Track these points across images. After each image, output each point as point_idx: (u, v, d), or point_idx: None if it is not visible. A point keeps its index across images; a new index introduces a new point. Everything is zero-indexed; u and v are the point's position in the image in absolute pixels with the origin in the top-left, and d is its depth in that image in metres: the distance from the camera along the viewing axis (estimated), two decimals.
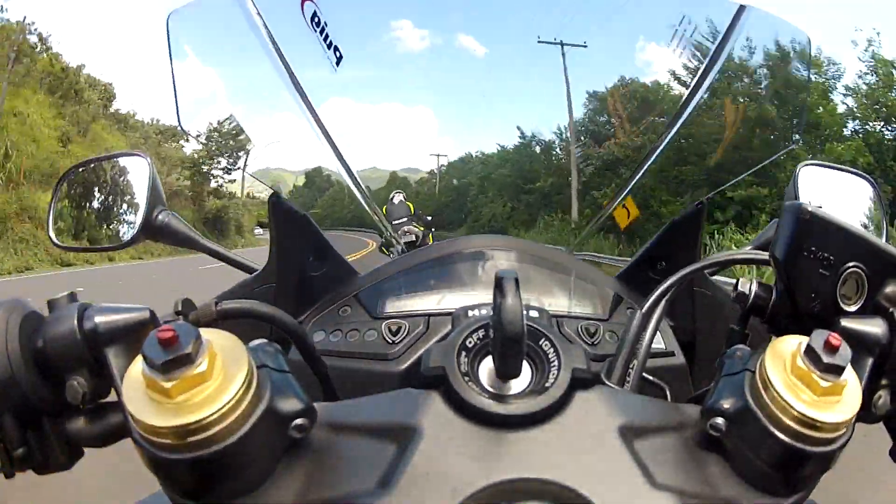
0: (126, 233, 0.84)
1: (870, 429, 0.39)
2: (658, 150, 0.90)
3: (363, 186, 1.03)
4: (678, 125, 0.88)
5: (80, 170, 0.92)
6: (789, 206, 0.39)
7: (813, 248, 0.38)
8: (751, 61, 0.90)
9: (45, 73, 21.00)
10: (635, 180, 0.94)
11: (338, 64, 0.92)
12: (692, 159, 0.95)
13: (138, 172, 0.84)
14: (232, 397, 0.28)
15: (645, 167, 0.92)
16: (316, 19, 0.88)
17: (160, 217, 0.81)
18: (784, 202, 0.43)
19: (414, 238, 1.12)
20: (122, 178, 0.87)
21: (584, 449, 0.32)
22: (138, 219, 0.80)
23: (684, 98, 0.88)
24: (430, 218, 1.16)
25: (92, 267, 16.02)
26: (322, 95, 0.89)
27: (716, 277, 0.85)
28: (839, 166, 0.77)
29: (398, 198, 1.11)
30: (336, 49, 0.91)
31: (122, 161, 0.89)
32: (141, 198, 0.81)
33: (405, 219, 1.13)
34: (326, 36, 0.89)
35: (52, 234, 0.89)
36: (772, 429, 0.31)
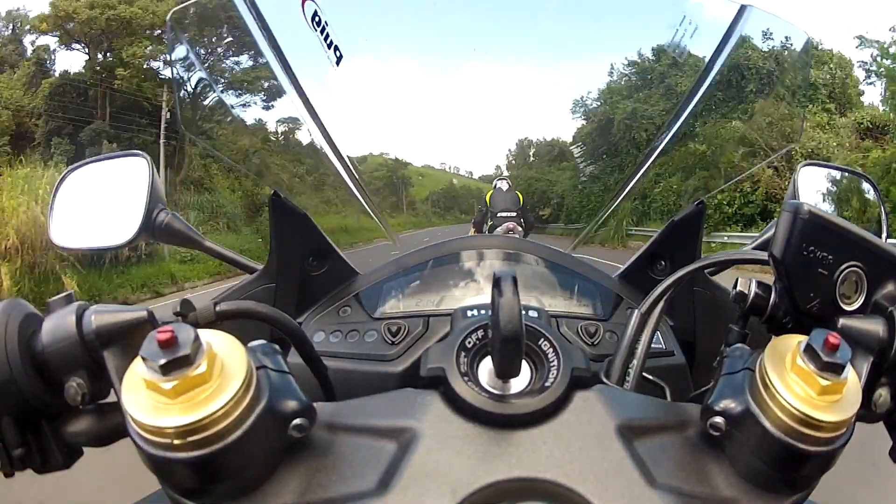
0: (126, 233, 0.84)
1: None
2: (658, 150, 0.90)
3: (365, 189, 1.03)
4: (678, 125, 0.87)
5: (80, 170, 0.92)
6: (788, 206, 0.39)
7: (812, 248, 0.38)
8: (751, 61, 0.90)
9: None
10: (636, 179, 0.94)
11: (338, 64, 0.92)
12: (691, 159, 0.95)
13: (138, 172, 0.84)
14: (231, 398, 0.28)
15: (645, 166, 0.92)
16: (316, 19, 0.88)
17: (160, 217, 0.81)
18: (783, 202, 0.43)
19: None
20: (121, 178, 0.87)
21: (583, 448, 0.32)
22: (138, 219, 0.81)
23: (684, 98, 0.87)
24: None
25: None
26: (322, 95, 0.89)
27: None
28: (839, 166, 0.78)
29: (503, 184, 0.84)
30: (336, 49, 0.91)
31: (122, 161, 0.89)
32: (141, 198, 0.81)
33: (514, 213, 0.84)
34: (327, 36, 0.89)
35: (52, 234, 0.89)
36: (771, 428, 0.31)
